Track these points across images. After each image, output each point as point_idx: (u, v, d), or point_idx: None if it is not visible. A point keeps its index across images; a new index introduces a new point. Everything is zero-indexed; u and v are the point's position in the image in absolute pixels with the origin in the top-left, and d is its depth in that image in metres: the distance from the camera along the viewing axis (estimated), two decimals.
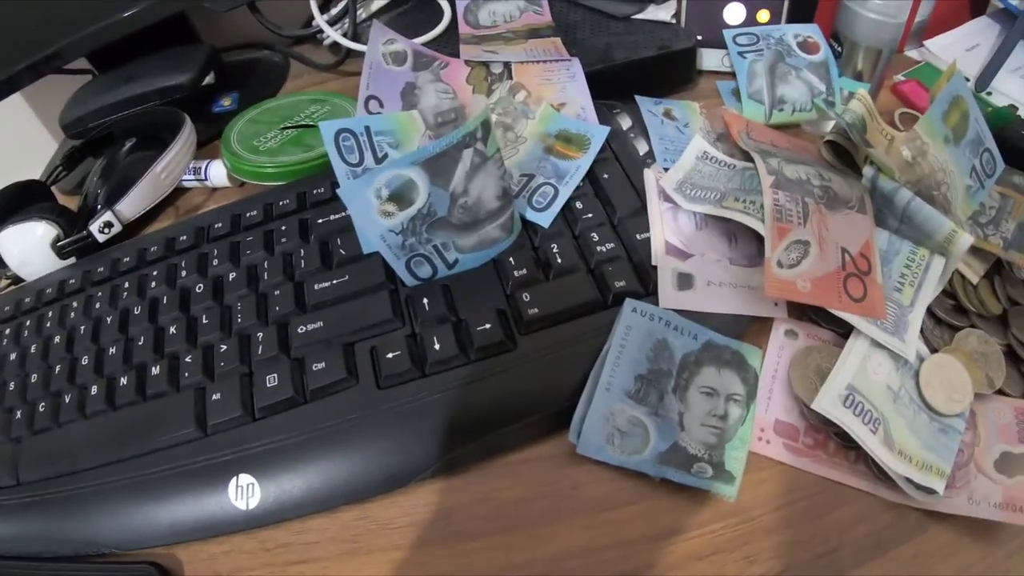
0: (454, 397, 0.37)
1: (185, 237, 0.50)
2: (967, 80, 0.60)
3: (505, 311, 0.40)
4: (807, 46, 0.55)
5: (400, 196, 0.37)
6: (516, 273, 0.41)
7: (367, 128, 0.43)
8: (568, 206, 0.44)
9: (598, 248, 0.42)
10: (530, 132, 0.48)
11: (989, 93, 0.59)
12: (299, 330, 0.41)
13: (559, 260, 0.41)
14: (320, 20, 0.59)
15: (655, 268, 0.41)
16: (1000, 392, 0.44)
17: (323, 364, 0.39)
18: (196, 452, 0.39)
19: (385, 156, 0.43)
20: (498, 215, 0.41)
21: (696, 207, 0.43)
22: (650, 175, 0.45)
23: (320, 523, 0.38)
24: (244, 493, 0.37)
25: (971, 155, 0.46)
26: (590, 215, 0.44)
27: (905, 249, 0.44)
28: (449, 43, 0.56)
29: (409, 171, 0.36)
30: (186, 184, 0.59)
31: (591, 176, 0.46)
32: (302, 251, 0.45)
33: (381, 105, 0.49)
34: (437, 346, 0.38)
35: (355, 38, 0.61)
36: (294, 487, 0.37)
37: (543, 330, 0.39)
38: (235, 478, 0.37)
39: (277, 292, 0.44)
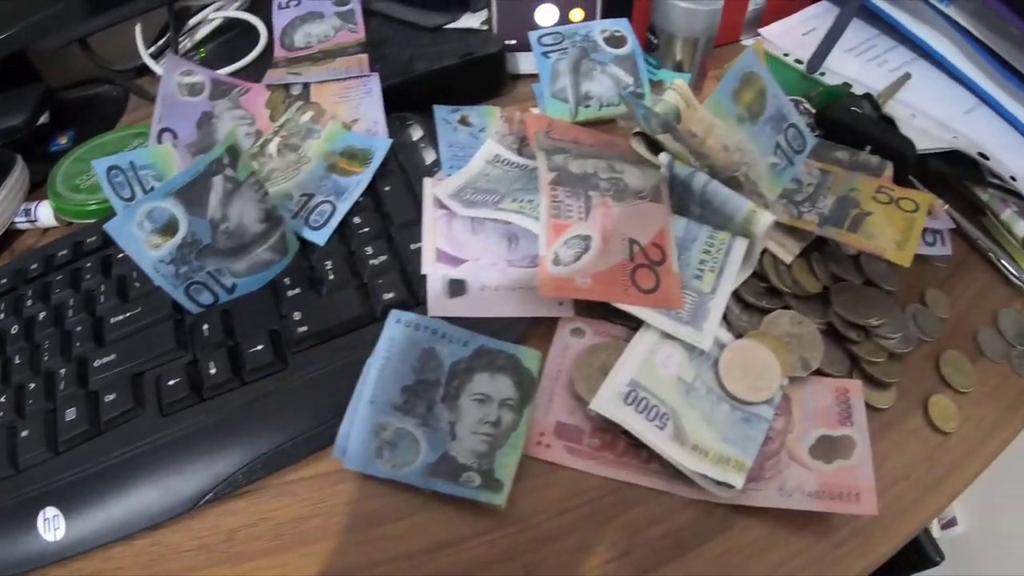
0: (230, 419, 0.38)
1: (5, 280, 0.50)
2: (799, 63, 0.58)
3: (278, 331, 0.40)
4: (615, 40, 0.54)
5: (164, 227, 0.37)
6: (289, 293, 0.41)
7: (131, 163, 0.42)
8: (346, 222, 0.44)
9: (370, 262, 0.42)
10: (315, 151, 0.46)
11: (822, 74, 0.57)
12: (95, 364, 0.41)
13: (331, 277, 0.42)
14: (143, 53, 0.58)
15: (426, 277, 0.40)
16: (821, 373, 0.41)
17: (114, 395, 0.39)
18: (9, 489, 0.39)
19: (152, 189, 0.42)
20: (266, 238, 0.41)
21: (472, 212, 0.41)
22: (428, 184, 0.43)
23: (121, 551, 0.37)
24: (51, 525, 0.37)
25: (773, 132, 0.43)
26: (367, 229, 0.43)
27: (703, 234, 0.42)
28: (266, 68, 0.55)
29: (165, 202, 0.36)
30: (19, 226, 0.58)
31: (373, 190, 0.46)
32: (103, 287, 0.46)
33: (175, 137, 0.48)
34: (213, 371, 0.38)
35: None
36: (95, 517, 0.37)
37: (314, 347, 0.40)
38: (42, 511, 0.37)
39: (79, 328, 0.44)
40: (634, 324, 0.40)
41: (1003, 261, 0.52)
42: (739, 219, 0.41)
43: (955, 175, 0.54)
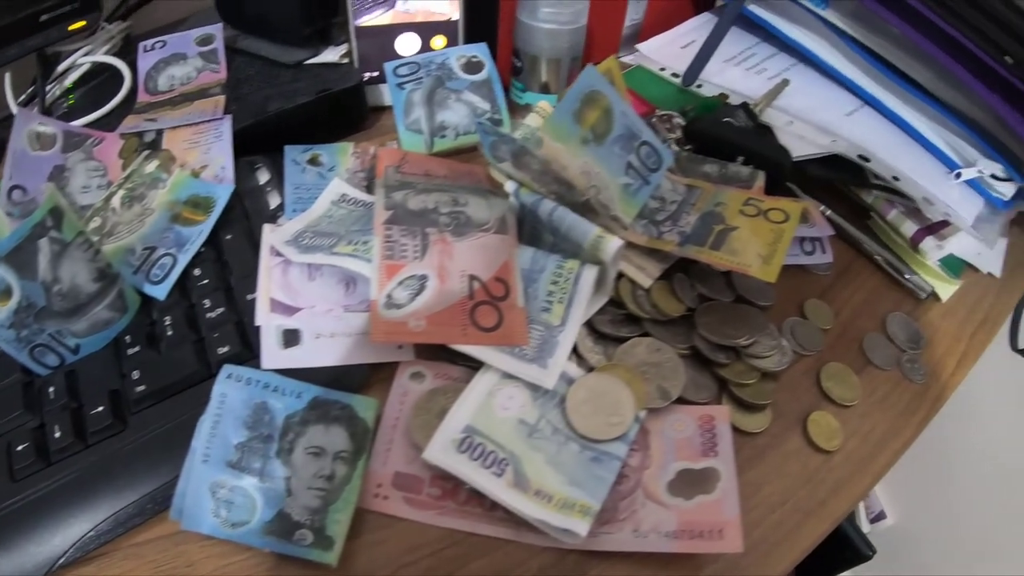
0: (77, 483, 0.37)
1: None
2: (676, 76, 0.57)
3: (119, 391, 0.39)
4: (472, 67, 0.52)
5: None
6: (129, 351, 0.40)
7: None
8: (188, 274, 0.43)
9: (208, 315, 0.41)
10: (159, 202, 0.45)
11: (699, 86, 0.56)
12: None
13: (169, 333, 0.40)
14: (11, 103, 0.56)
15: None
16: (685, 401, 0.39)
17: None
18: None
19: None
20: (102, 296, 0.40)
21: (306, 258, 0.40)
22: (266, 230, 0.42)
23: None
24: None
25: (623, 152, 0.42)
26: (206, 281, 0.42)
27: (551, 264, 0.40)
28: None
29: None
30: None
31: (215, 240, 0.44)
32: None
33: (25, 193, 0.47)
34: (58, 434, 0.37)
35: (48, 115, 0.58)
36: None
37: (153, 406, 0.39)
38: None
39: None
40: (477, 365, 0.38)
41: (891, 263, 0.51)
42: (587, 245, 0.39)
43: (836, 179, 0.53)
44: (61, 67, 0.58)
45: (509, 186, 0.41)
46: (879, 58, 0.55)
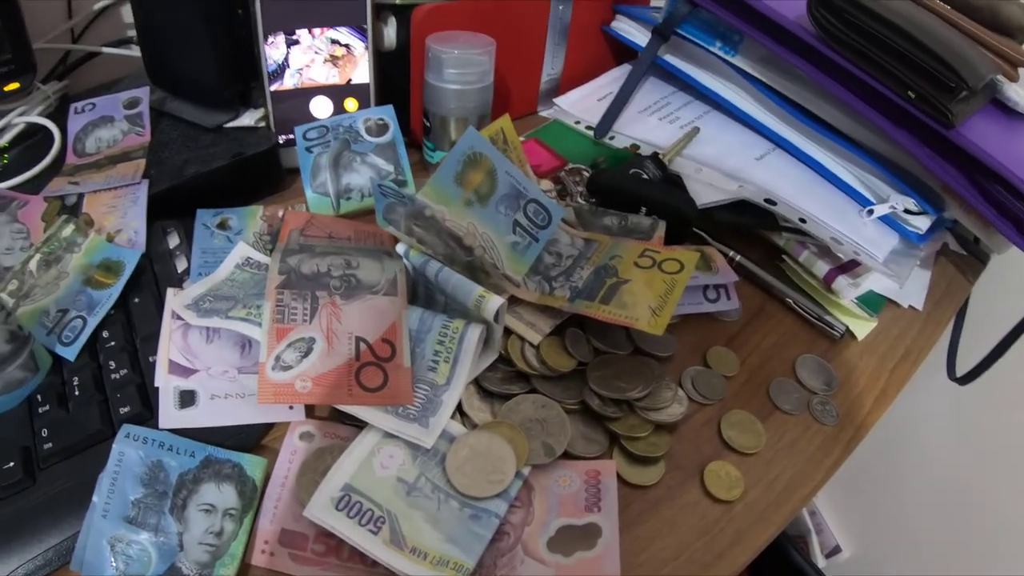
0: None
1: None
2: (590, 129, 0.58)
3: (30, 447, 0.40)
4: (378, 129, 0.54)
5: None
6: (40, 410, 0.41)
7: None
8: (97, 335, 0.44)
9: (112, 376, 0.42)
10: (74, 265, 0.46)
11: (612, 138, 0.57)
12: None
13: (77, 393, 0.42)
14: None
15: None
16: (572, 457, 0.40)
17: None
18: None
19: None
20: (14, 357, 0.41)
21: (203, 321, 0.41)
22: (170, 294, 0.43)
23: None
24: None
25: (508, 211, 0.43)
26: (113, 343, 0.43)
27: (437, 324, 0.41)
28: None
29: None
30: None
31: (124, 302, 0.45)
32: None
33: None
34: None
35: None
36: None
37: (60, 463, 0.40)
38: None
39: None
40: (364, 425, 0.39)
41: (802, 305, 0.51)
42: (471, 305, 0.40)
43: (747, 224, 0.53)
44: None
45: (400, 247, 0.43)
46: (789, 101, 0.56)
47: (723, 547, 0.39)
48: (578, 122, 0.59)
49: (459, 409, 0.40)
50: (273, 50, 0.53)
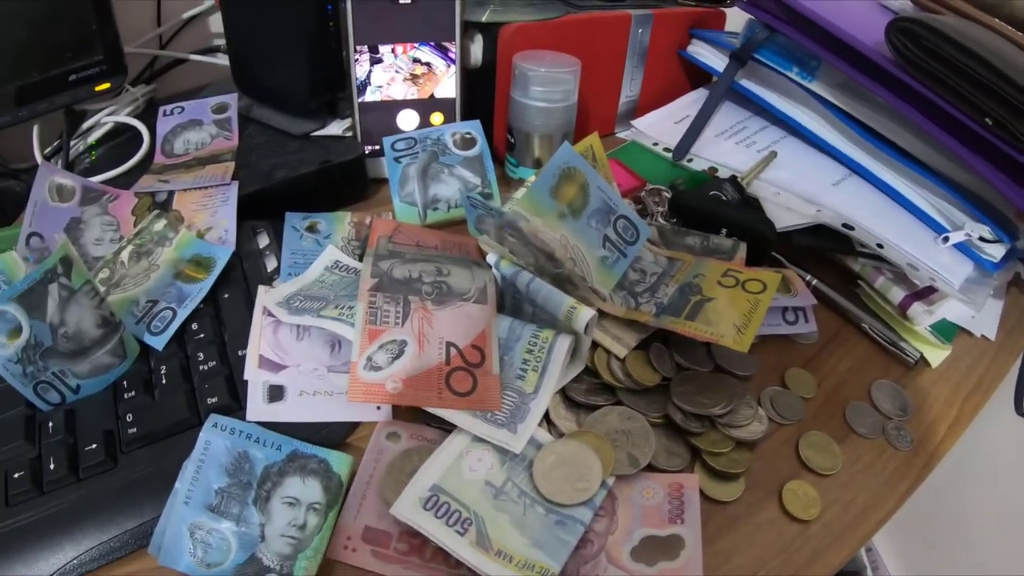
0: (65, 513, 0.39)
1: None
2: (668, 151, 0.59)
3: (113, 431, 0.41)
4: (465, 142, 0.55)
5: (10, 329, 0.38)
6: (126, 395, 0.42)
7: None
8: (186, 327, 0.45)
9: (201, 367, 0.43)
10: (164, 259, 0.48)
11: (690, 160, 0.58)
12: None
13: (164, 381, 0.43)
14: (37, 154, 0.61)
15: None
16: (656, 469, 0.40)
17: None
18: None
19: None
20: (104, 342, 0.42)
21: (294, 319, 0.42)
22: (261, 292, 0.44)
23: None
24: None
25: (599, 225, 0.44)
26: (202, 335, 0.44)
27: (527, 334, 0.42)
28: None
29: (8, 307, 0.38)
30: None
31: (214, 297, 0.47)
32: None
33: (43, 240, 0.50)
34: (53, 466, 0.39)
35: (70, 169, 0.62)
36: None
37: (142, 448, 0.41)
38: None
39: None
40: (451, 428, 0.39)
41: (877, 331, 0.51)
42: (561, 316, 0.41)
43: (823, 248, 0.53)
44: (86, 124, 0.62)
45: (490, 257, 0.43)
46: (865, 127, 0.56)
47: (799, 566, 0.39)
48: (656, 144, 0.60)
49: (546, 418, 0.41)
50: (358, 67, 0.55)
